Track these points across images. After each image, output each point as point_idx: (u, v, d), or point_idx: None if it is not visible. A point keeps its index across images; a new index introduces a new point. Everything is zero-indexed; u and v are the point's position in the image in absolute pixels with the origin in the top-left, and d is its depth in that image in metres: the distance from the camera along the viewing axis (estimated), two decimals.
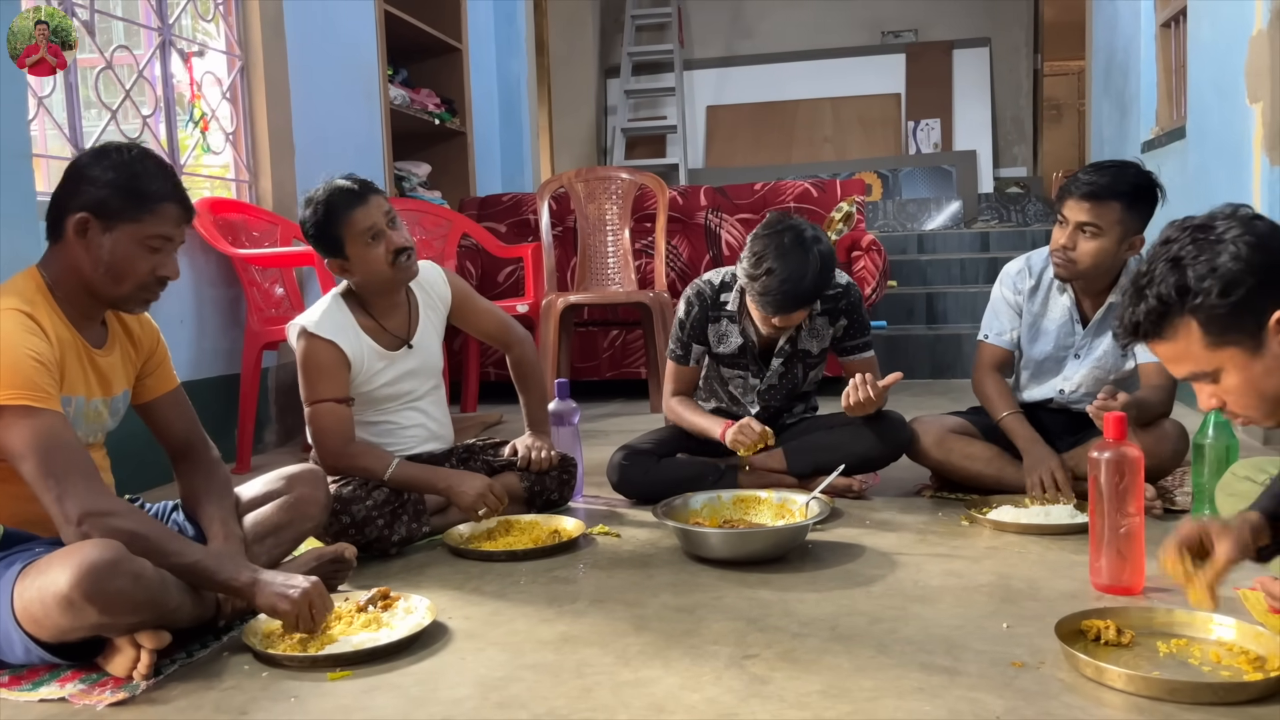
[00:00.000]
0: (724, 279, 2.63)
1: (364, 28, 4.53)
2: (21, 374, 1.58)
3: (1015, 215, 7.72)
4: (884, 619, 1.75)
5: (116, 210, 1.68)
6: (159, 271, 1.74)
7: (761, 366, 2.66)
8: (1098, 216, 2.34)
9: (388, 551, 2.24)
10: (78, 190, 1.69)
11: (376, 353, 2.37)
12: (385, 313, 2.40)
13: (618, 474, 2.63)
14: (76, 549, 1.52)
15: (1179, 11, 4.26)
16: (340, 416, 2.29)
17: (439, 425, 2.53)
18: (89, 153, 1.74)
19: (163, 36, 3.41)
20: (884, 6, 8.63)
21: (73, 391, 1.72)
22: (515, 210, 4.96)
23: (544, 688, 1.52)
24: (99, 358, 1.78)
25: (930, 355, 5.01)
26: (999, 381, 2.61)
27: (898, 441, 2.59)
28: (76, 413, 1.74)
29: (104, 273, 1.70)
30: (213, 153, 3.69)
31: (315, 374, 2.29)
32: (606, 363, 4.59)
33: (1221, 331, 1.35)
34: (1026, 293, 2.58)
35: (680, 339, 2.66)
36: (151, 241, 1.71)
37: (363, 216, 2.26)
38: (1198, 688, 1.40)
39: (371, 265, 2.29)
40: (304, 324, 2.31)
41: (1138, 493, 1.85)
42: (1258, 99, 3.17)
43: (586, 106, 8.77)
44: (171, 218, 1.73)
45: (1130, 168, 2.38)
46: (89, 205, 1.67)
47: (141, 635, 1.57)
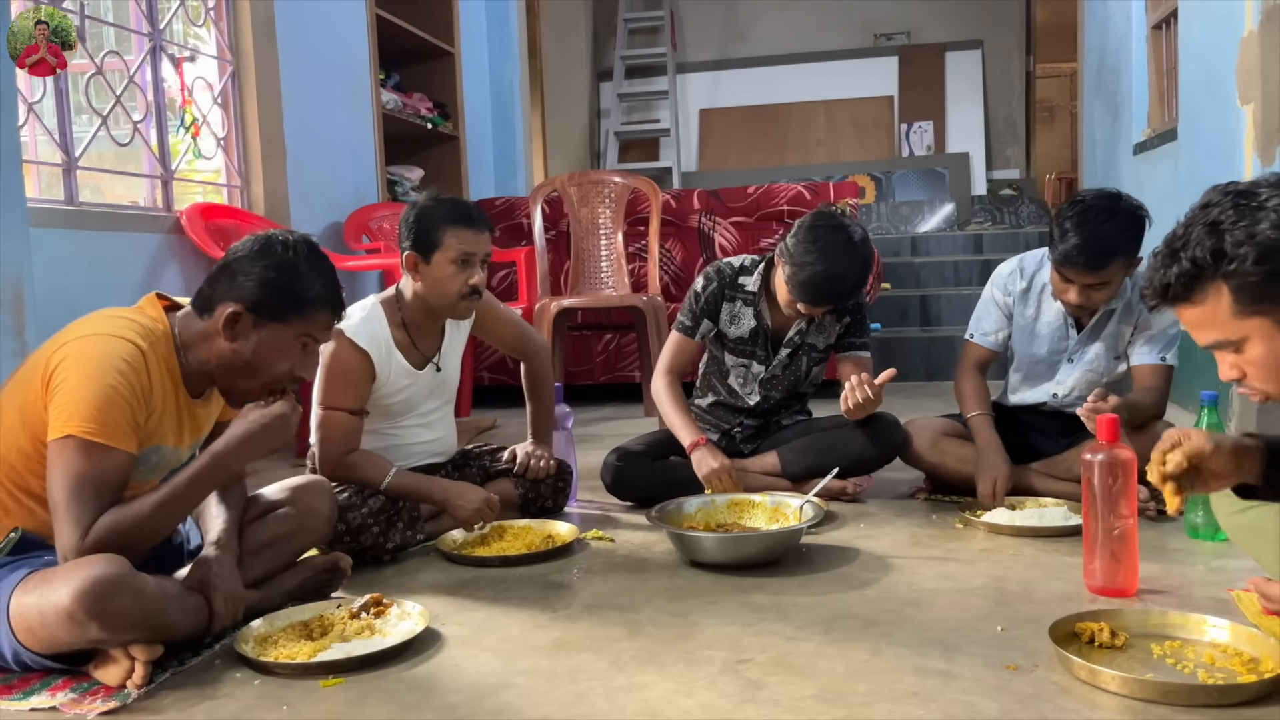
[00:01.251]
0: (744, 263, 2.67)
1: (355, 32, 4.53)
2: (102, 409, 1.55)
3: (1008, 217, 7.74)
4: (878, 622, 1.75)
5: (271, 309, 1.67)
6: (297, 371, 1.72)
7: (769, 353, 2.66)
8: (1102, 276, 2.30)
9: (382, 559, 2.23)
10: (235, 280, 1.68)
11: (404, 370, 2.35)
12: (420, 332, 2.38)
13: (611, 475, 2.63)
14: (81, 564, 1.51)
15: (1170, 13, 4.27)
16: (349, 428, 2.27)
17: (444, 443, 2.53)
18: (254, 241, 1.71)
19: (154, 42, 3.40)
20: (876, 9, 8.65)
21: (163, 441, 1.71)
22: (508, 214, 4.95)
23: (537, 694, 1.52)
24: (197, 408, 1.77)
25: (924, 358, 5.01)
26: (976, 380, 2.60)
27: (891, 444, 2.59)
28: (160, 461, 1.73)
29: (242, 366, 1.69)
30: (204, 158, 3.68)
31: (338, 379, 2.26)
32: (600, 367, 4.59)
33: (1252, 300, 1.32)
34: (1018, 295, 2.58)
35: (693, 311, 2.66)
36: (301, 339, 1.71)
37: (471, 239, 2.27)
38: (1192, 690, 1.40)
39: (444, 285, 2.28)
40: (341, 325, 2.23)
41: (1131, 495, 1.85)
42: (1249, 100, 3.18)
43: (579, 110, 8.77)
44: (323, 322, 1.73)
45: (1120, 216, 2.27)
46: (244, 300, 1.66)
47: (134, 647, 1.56)
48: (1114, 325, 2.48)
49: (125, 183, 3.60)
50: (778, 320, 2.64)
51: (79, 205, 3.01)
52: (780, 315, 2.62)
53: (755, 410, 2.72)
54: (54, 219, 2.83)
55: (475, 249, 2.28)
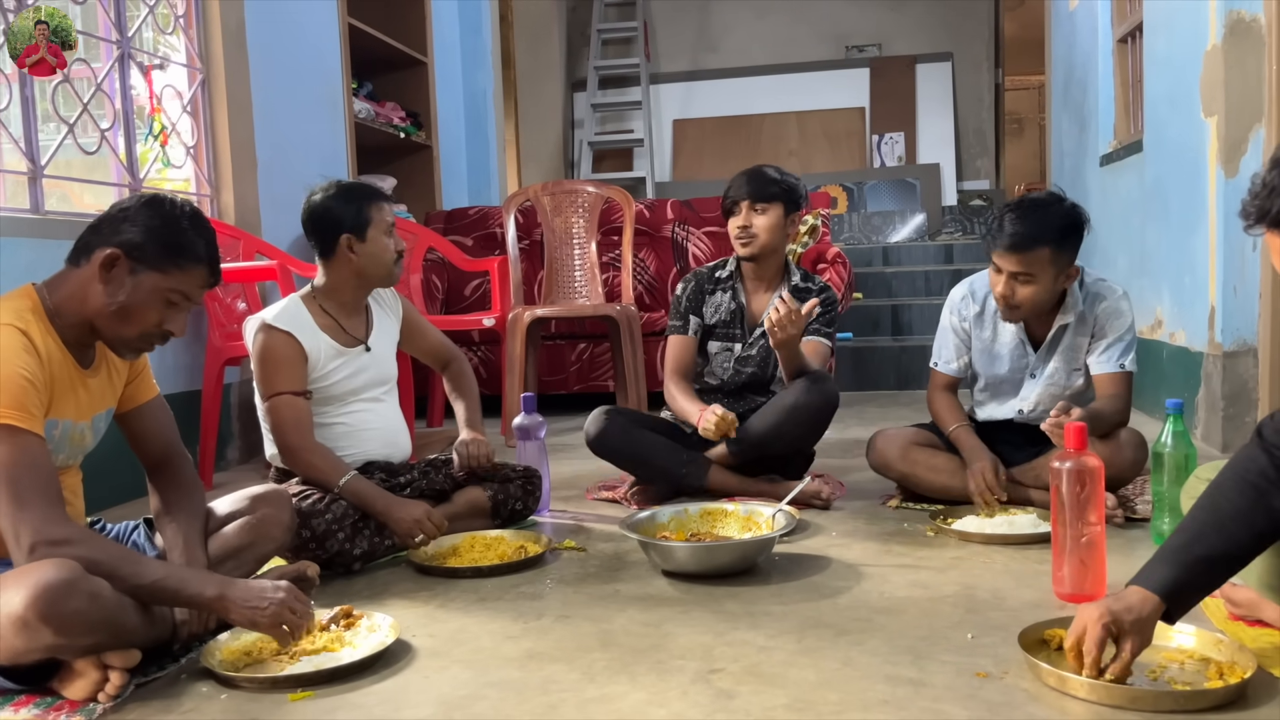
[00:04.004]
0: (716, 264, 2.91)
1: (327, 40, 4.51)
2: (11, 392, 1.57)
3: (978, 227, 7.81)
4: (850, 631, 1.76)
5: (149, 256, 1.69)
6: (166, 325, 1.74)
7: (745, 333, 2.84)
8: (1028, 265, 2.33)
9: (350, 567, 2.22)
10: (118, 228, 1.70)
11: (333, 349, 2.40)
12: (343, 312, 2.45)
13: (597, 426, 2.69)
14: (32, 569, 1.49)
15: (1135, 27, 4.33)
16: (299, 408, 2.31)
17: (395, 432, 2.54)
18: (142, 196, 1.76)
19: (122, 49, 3.37)
20: (848, 21, 8.72)
21: (61, 415, 1.70)
22: (481, 224, 4.94)
23: (509, 705, 1.51)
24: (88, 378, 1.76)
25: (895, 367, 5.04)
26: (949, 399, 2.66)
27: (825, 394, 2.63)
28: (62, 436, 1.71)
29: (115, 311, 1.69)
30: (173, 167, 3.64)
31: (272, 366, 2.31)
32: (574, 376, 4.58)
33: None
34: (972, 319, 2.61)
35: (679, 311, 2.85)
36: (171, 295, 1.72)
37: (390, 210, 2.47)
38: (1159, 696, 1.41)
39: (381, 255, 2.42)
40: (263, 318, 2.35)
41: (1099, 502, 1.87)
42: (1213, 113, 3.23)
43: (553, 120, 8.77)
44: (198, 280, 1.75)
45: (1052, 207, 2.35)
46: (124, 244, 1.68)
47: (110, 655, 1.54)
48: (1069, 338, 2.51)
49: (93, 191, 3.56)
50: (755, 306, 2.83)
51: (45, 214, 2.98)
52: (756, 300, 2.82)
53: (726, 388, 2.84)
54: (19, 228, 2.79)
55: (392, 218, 2.46)
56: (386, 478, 2.42)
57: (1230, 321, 3.19)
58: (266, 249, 3.75)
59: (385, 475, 2.42)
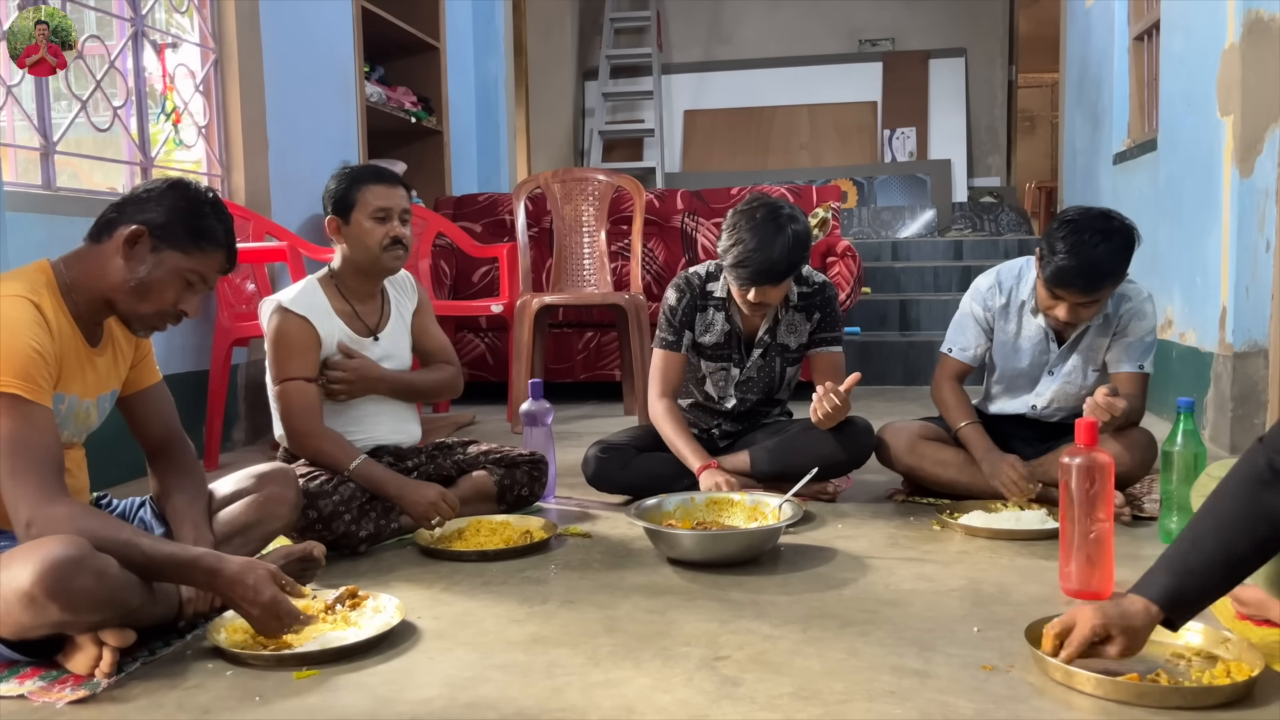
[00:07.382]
0: (709, 270, 2.67)
1: (341, 24, 4.50)
2: (19, 363, 1.58)
3: (989, 224, 7.78)
4: (855, 622, 1.75)
5: (172, 236, 1.72)
6: (181, 305, 1.77)
7: (743, 355, 2.67)
8: (1096, 295, 2.32)
9: (356, 549, 2.22)
10: (143, 207, 1.73)
11: (348, 336, 2.38)
12: (358, 298, 2.44)
13: (593, 467, 2.63)
14: (40, 544, 1.49)
15: (1152, 25, 4.31)
16: (309, 395, 2.30)
17: (404, 420, 2.52)
18: (167, 179, 1.81)
19: (135, 27, 3.36)
20: (861, 15, 8.68)
21: (68, 390, 1.71)
22: (491, 210, 4.94)
23: (513, 688, 1.51)
24: (96, 357, 1.77)
25: (903, 361, 5.03)
26: (958, 391, 2.61)
27: (861, 448, 2.59)
28: (68, 412, 1.72)
29: (134, 287, 1.71)
30: (185, 146, 3.64)
31: (286, 350, 2.30)
32: (581, 364, 4.58)
33: None
34: (997, 311, 2.58)
35: (671, 325, 2.65)
36: (190, 276, 1.75)
37: (382, 195, 2.37)
38: (1166, 692, 1.41)
39: (364, 240, 2.36)
40: (280, 300, 2.34)
41: (1107, 499, 1.86)
42: (1229, 112, 3.21)
43: (564, 108, 8.75)
44: (216, 263, 1.78)
45: (1115, 238, 2.26)
46: (148, 222, 1.71)
47: (105, 633, 1.54)
48: (1091, 338, 2.50)
49: (104, 169, 3.56)
50: (749, 323, 2.65)
51: (56, 190, 2.98)
52: (749, 317, 2.63)
53: (733, 414, 2.72)
54: (31, 203, 2.79)
55: (389, 203, 2.37)
56: (394, 461, 2.42)
57: (1241, 322, 3.18)
58: (276, 230, 3.75)
59: (393, 459, 2.42)
